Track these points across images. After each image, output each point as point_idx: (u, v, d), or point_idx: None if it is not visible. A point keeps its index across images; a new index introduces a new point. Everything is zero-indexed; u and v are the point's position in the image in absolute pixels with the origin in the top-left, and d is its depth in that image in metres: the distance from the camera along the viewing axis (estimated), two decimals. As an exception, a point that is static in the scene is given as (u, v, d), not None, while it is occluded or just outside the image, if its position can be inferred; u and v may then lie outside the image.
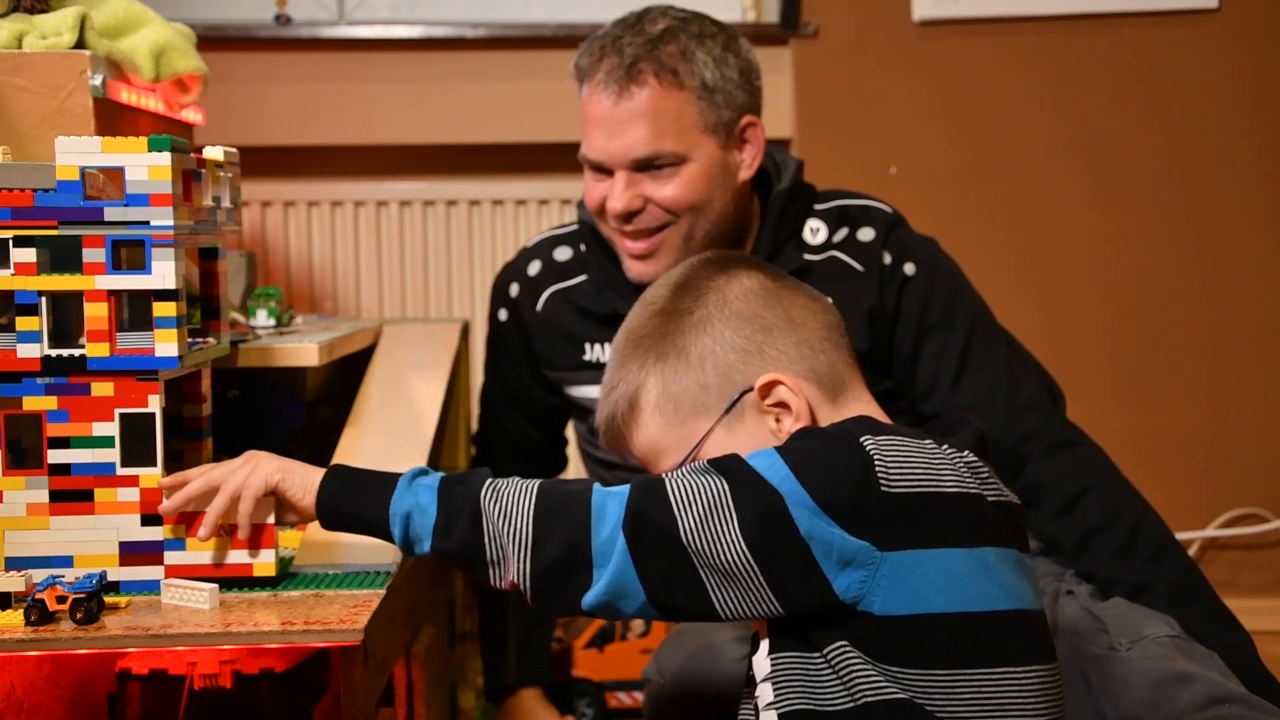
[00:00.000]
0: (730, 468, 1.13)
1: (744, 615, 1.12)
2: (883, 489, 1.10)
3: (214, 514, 1.27)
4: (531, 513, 1.15)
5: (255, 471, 1.26)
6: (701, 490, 1.12)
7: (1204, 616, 1.62)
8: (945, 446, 1.16)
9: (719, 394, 1.22)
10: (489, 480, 1.18)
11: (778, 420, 1.21)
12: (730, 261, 1.28)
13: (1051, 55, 2.68)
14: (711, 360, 1.23)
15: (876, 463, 1.11)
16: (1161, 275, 2.70)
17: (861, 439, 1.12)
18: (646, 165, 1.73)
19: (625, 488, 1.15)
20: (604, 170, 1.76)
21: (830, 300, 1.28)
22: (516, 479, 1.19)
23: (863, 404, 1.24)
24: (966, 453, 1.17)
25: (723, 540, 1.10)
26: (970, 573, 1.12)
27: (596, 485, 1.16)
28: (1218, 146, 2.68)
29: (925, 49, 2.68)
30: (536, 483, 1.17)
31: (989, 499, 1.16)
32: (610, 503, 1.13)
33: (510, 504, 1.15)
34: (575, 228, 1.94)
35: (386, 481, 1.21)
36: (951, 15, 2.66)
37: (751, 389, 1.21)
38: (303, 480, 1.25)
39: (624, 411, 1.27)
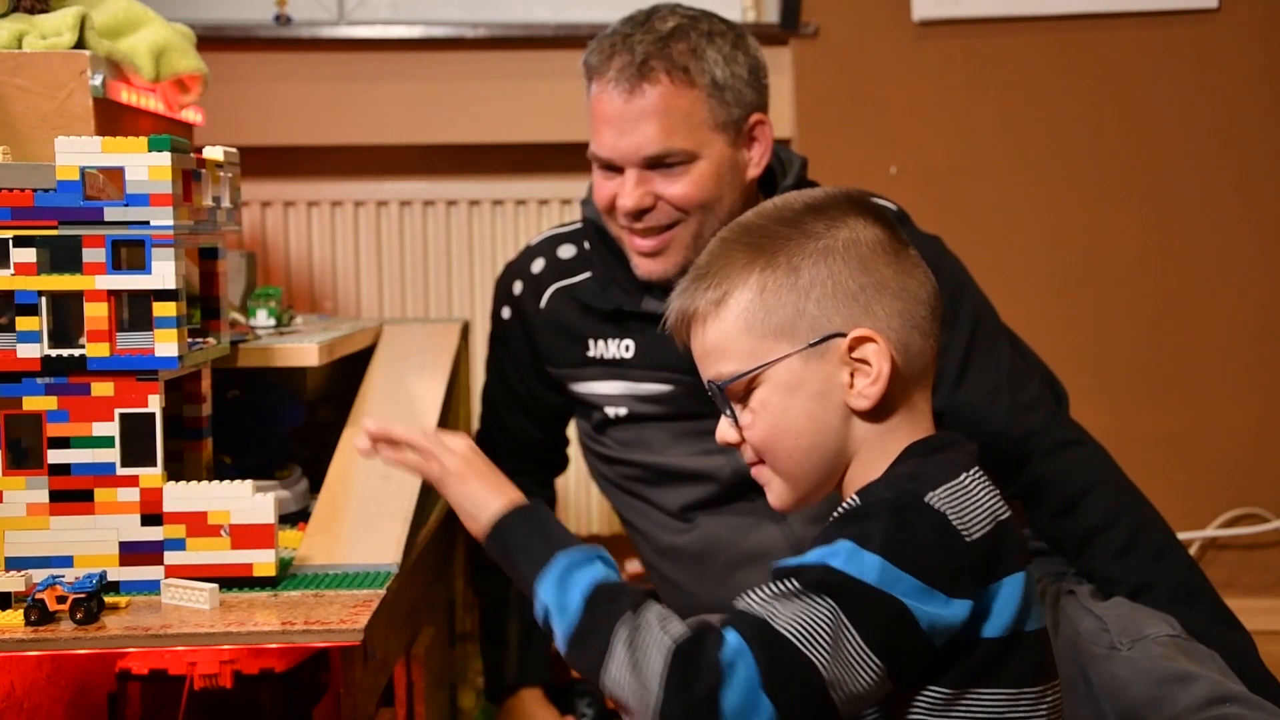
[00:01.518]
0: (832, 583, 1.08)
1: (861, 712, 1.11)
2: (967, 540, 1.09)
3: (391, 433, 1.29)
4: (664, 674, 1.07)
5: (451, 459, 1.25)
6: (817, 621, 1.07)
7: (1205, 616, 1.62)
8: (974, 470, 1.14)
9: (810, 326, 1.17)
10: (629, 614, 1.10)
11: (853, 376, 1.17)
12: (871, 207, 1.23)
13: (1052, 55, 2.68)
14: (819, 291, 1.17)
15: (951, 517, 1.09)
16: (1161, 274, 2.70)
17: (926, 498, 1.10)
18: (657, 163, 1.73)
19: (740, 645, 1.07)
20: (614, 168, 1.76)
21: (936, 285, 1.24)
22: (658, 618, 1.10)
23: (923, 400, 1.21)
24: (977, 469, 1.16)
25: (858, 667, 1.07)
26: (1028, 592, 1.12)
27: (724, 644, 1.07)
28: (1218, 146, 2.68)
29: (925, 49, 2.68)
30: (671, 640, 1.08)
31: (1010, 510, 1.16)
32: (739, 670, 1.06)
33: (642, 655, 1.09)
34: (579, 225, 1.94)
35: (546, 554, 1.16)
36: (951, 15, 2.66)
37: (844, 335, 1.17)
38: (480, 502, 1.23)
39: (709, 302, 1.21)
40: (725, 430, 1.23)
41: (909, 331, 1.18)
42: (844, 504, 1.16)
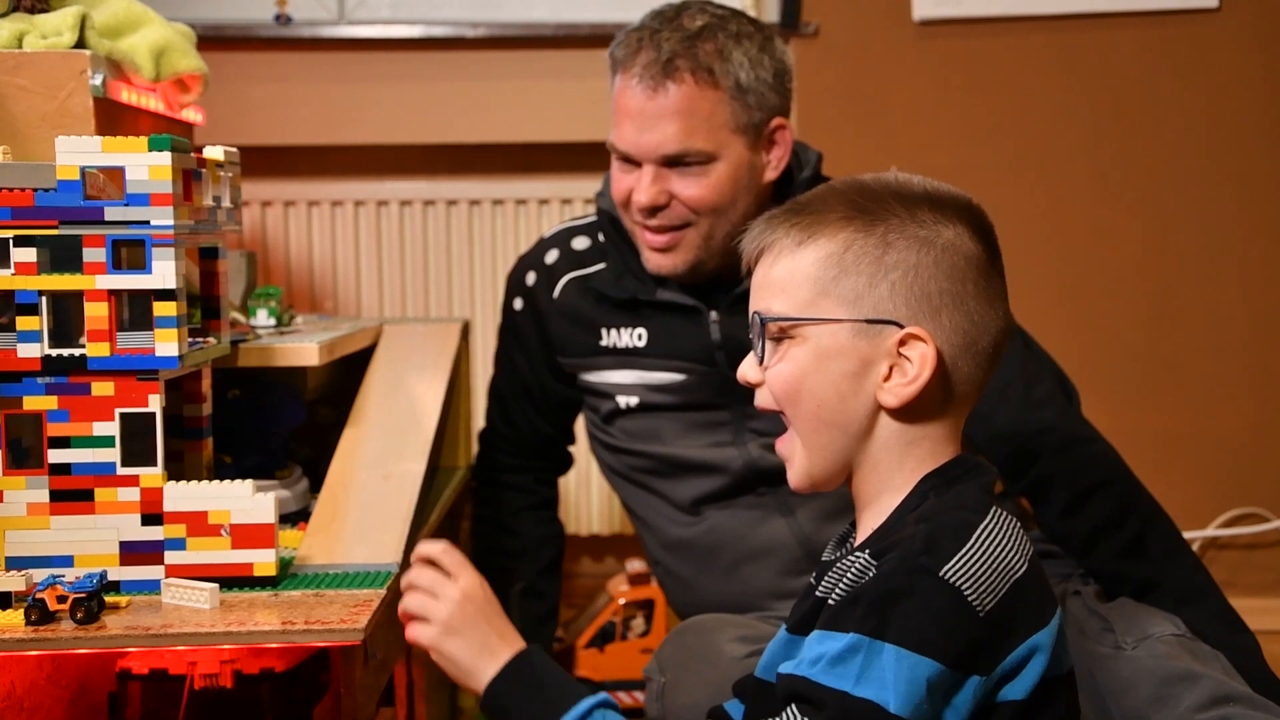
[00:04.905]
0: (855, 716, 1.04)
1: None
2: (980, 615, 1.05)
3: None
4: None
5: (443, 608, 1.19)
6: None
7: (1210, 616, 1.62)
8: (990, 515, 1.11)
9: (873, 304, 1.13)
10: None
11: (891, 369, 1.13)
12: (985, 226, 1.19)
13: (1052, 55, 2.68)
14: (898, 275, 1.13)
15: (966, 592, 1.05)
16: (1161, 274, 2.70)
17: (941, 573, 1.05)
18: (675, 162, 1.73)
19: None
20: (632, 162, 1.76)
21: (1013, 325, 1.21)
22: None
23: (954, 426, 1.17)
24: (997, 507, 1.13)
25: None
26: (1057, 641, 1.10)
27: None
28: (1218, 146, 2.68)
29: (925, 49, 2.68)
30: None
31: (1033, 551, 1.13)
32: None
33: None
34: (594, 219, 1.94)
35: (547, 717, 1.14)
36: (952, 15, 2.66)
37: (903, 327, 1.13)
38: (470, 668, 1.18)
39: (791, 239, 1.17)
40: (749, 367, 1.19)
41: (965, 354, 1.15)
42: (855, 558, 1.12)
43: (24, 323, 1.29)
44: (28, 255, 1.28)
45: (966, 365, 1.15)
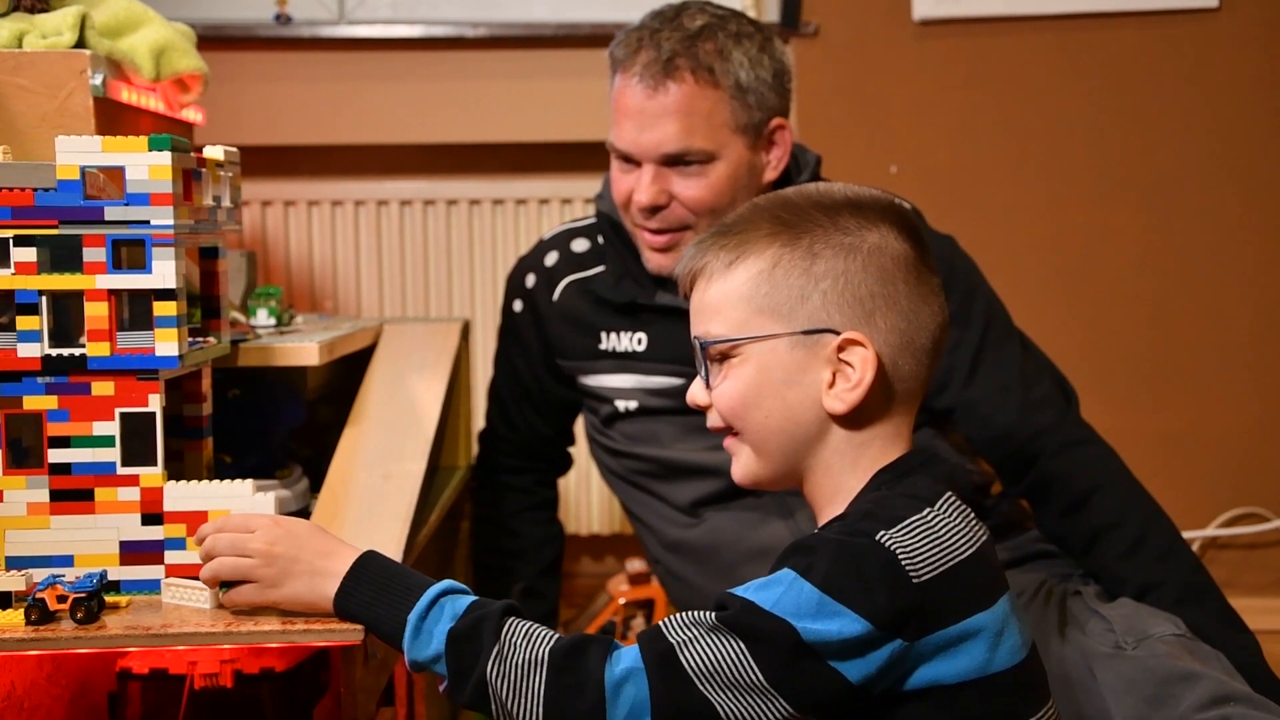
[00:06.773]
0: (744, 623, 1.07)
1: None
2: (915, 581, 1.07)
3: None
4: (541, 699, 1.09)
5: (261, 567, 1.21)
6: (722, 660, 1.07)
7: (1211, 617, 1.62)
8: (940, 502, 1.13)
9: (807, 315, 1.16)
10: (496, 645, 1.11)
11: (835, 376, 1.16)
12: (909, 224, 1.20)
13: (1052, 55, 2.68)
14: (829, 284, 1.15)
15: (901, 556, 1.07)
16: (1160, 275, 2.70)
17: (877, 537, 1.08)
18: (675, 161, 1.73)
19: (637, 666, 1.08)
20: (632, 161, 1.76)
21: (947, 318, 1.23)
22: (523, 638, 1.12)
23: (904, 423, 1.19)
24: (950, 495, 1.14)
25: (763, 706, 1.06)
26: (991, 633, 1.10)
27: (607, 664, 1.09)
28: (1218, 146, 2.68)
29: (925, 48, 2.68)
30: (545, 656, 1.10)
31: (985, 540, 1.15)
32: (626, 691, 1.08)
33: (519, 681, 1.10)
34: (593, 220, 1.94)
35: (396, 617, 1.16)
36: (951, 15, 2.66)
37: (839, 333, 1.15)
38: (313, 598, 1.20)
39: (721, 261, 1.19)
40: (696, 391, 1.22)
41: (904, 352, 1.17)
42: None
43: (24, 322, 1.29)
44: (28, 255, 1.28)
45: (907, 363, 1.17)
